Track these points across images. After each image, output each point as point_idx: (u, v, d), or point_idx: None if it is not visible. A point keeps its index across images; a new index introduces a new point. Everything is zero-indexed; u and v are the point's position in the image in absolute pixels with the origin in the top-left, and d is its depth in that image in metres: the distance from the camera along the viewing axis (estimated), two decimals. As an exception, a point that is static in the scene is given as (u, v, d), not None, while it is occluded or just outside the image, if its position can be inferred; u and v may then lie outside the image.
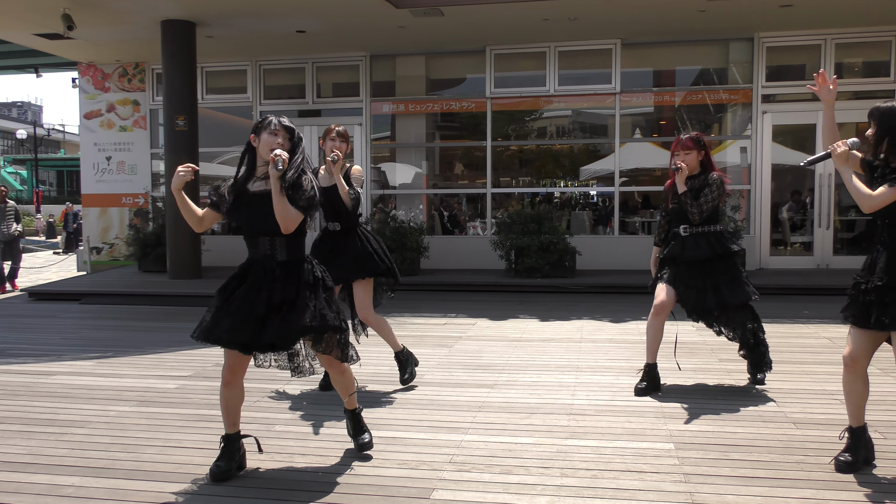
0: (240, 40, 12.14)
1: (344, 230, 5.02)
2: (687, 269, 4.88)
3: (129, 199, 14.12)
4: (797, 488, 3.32)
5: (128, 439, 4.15)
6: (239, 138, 13.75)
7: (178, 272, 11.26)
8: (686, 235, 4.90)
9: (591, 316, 8.34)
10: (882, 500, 3.18)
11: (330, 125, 5.01)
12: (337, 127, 4.96)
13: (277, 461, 3.77)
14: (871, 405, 4.58)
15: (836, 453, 3.67)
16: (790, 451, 3.82)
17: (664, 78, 12.75)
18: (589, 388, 5.17)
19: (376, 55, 13.04)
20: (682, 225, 4.92)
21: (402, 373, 5.23)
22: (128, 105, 14.05)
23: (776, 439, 4.00)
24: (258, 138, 3.51)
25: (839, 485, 3.35)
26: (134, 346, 6.99)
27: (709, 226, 4.88)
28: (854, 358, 3.51)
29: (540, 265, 10.75)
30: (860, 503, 3.16)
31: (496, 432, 4.20)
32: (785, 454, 3.77)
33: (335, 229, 5.04)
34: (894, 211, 3.33)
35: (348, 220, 5.02)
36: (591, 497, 3.27)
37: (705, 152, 4.90)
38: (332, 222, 5.05)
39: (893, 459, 3.67)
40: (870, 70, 11.84)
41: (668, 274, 4.95)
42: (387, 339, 5.19)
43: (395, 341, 5.20)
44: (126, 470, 3.67)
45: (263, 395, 5.09)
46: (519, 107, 12.98)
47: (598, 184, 13.33)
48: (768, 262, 11.93)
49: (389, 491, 3.36)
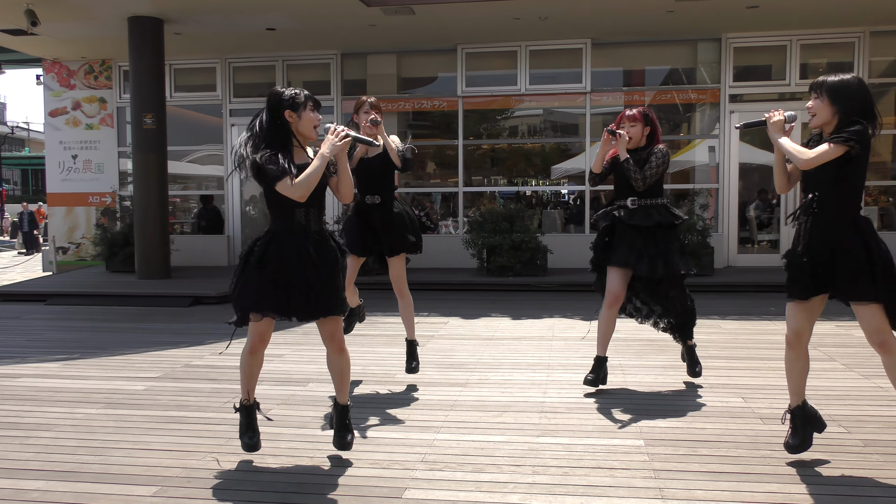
0: (209, 37, 12.02)
1: (383, 202, 5.01)
2: (639, 238, 4.79)
3: (96, 199, 13.91)
4: (764, 482, 3.37)
5: (95, 442, 4.09)
6: (208, 136, 13.64)
7: (147, 272, 11.12)
8: (634, 207, 4.83)
9: (563, 314, 8.39)
10: (847, 494, 3.24)
11: (361, 97, 5.04)
12: (368, 98, 4.99)
13: (248, 461, 3.74)
14: (834, 399, 4.68)
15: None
16: (757, 445, 3.87)
17: (634, 77, 12.86)
18: (560, 385, 5.20)
19: (347, 53, 12.99)
20: (630, 197, 4.85)
21: (410, 361, 5.23)
22: (94, 103, 13.83)
23: (743, 434, 4.05)
24: (296, 115, 3.51)
25: (806, 479, 3.41)
26: (101, 347, 6.88)
27: (655, 198, 4.86)
28: (797, 334, 3.52)
29: (512, 264, 10.79)
30: (826, 497, 3.21)
31: (468, 431, 4.21)
32: (752, 449, 3.82)
33: (374, 202, 5.02)
34: (822, 182, 3.35)
35: (386, 192, 5.02)
36: (563, 494, 3.29)
37: (652, 128, 4.88)
38: (371, 195, 5.02)
39: (857, 453, 3.74)
40: (834, 70, 11.99)
41: (617, 253, 4.84)
42: (406, 322, 5.20)
43: (413, 327, 5.21)
44: (93, 473, 3.61)
45: (234, 395, 5.04)
46: (490, 106, 13.02)
47: (570, 182, 13.41)
48: (736, 260, 12.10)
49: (361, 491, 3.35)
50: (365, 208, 5.05)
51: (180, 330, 7.79)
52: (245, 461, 3.75)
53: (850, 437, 3.97)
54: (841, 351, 6.17)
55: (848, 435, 4.02)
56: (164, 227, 11.31)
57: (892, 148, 12.49)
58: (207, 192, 14.01)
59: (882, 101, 12.09)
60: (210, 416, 4.56)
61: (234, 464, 3.72)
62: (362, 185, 5.01)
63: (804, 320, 3.51)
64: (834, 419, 4.29)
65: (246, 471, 3.63)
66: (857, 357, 5.92)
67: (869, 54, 11.61)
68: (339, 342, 3.66)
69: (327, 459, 3.77)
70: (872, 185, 12.14)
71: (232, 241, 13.48)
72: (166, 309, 9.23)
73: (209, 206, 13.94)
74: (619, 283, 4.86)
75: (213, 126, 13.53)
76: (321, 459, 3.78)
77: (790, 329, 3.55)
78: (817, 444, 3.85)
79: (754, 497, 3.21)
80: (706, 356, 5.93)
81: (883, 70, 11.99)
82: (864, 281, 3.27)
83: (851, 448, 3.81)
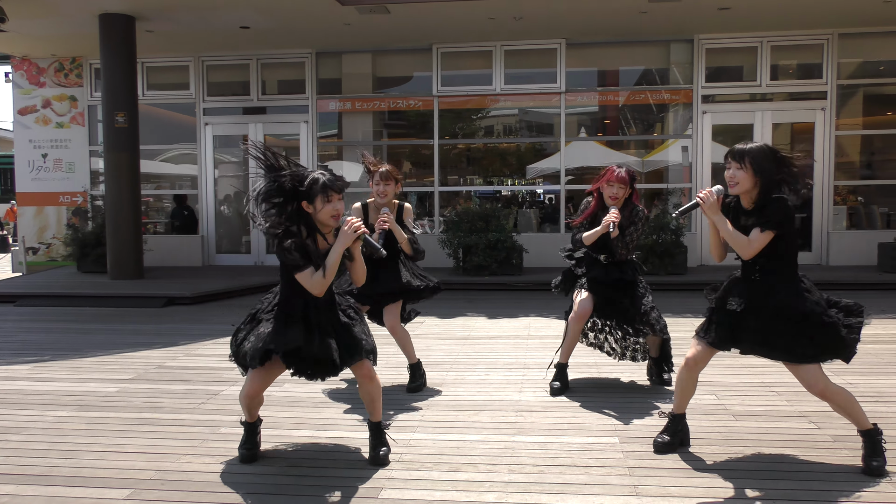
0: (181, 35, 11.91)
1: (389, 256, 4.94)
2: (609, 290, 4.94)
3: (66, 198, 13.72)
4: (737, 478, 3.42)
5: (66, 445, 4.04)
6: (182, 135, 13.51)
7: (119, 273, 10.99)
8: (608, 264, 4.96)
9: (539, 313, 8.43)
10: (818, 489, 3.30)
11: (376, 165, 4.89)
12: (381, 167, 4.86)
13: (222, 463, 3.72)
14: (804, 396, 4.75)
15: (777, 445, 3.81)
16: (730, 442, 3.92)
17: (608, 78, 12.95)
18: (536, 384, 5.22)
19: (322, 52, 12.93)
20: (602, 255, 4.96)
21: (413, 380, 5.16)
22: (65, 101, 13.64)
23: (716, 431, 4.11)
24: (313, 206, 3.42)
25: (777, 474, 3.46)
26: (72, 348, 6.79)
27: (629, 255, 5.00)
28: (697, 361, 3.70)
29: (488, 263, 10.82)
30: (797, 491, 3.26)
31: (444, 430, 4.21)
32: (725, 445, 3.87)
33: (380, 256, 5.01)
34: (762, 254, 3.48)
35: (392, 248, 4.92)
36: (539, 492, 3.31)
37: (632, 190, 4.91)
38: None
39: (826, 448, 3.80)
40: (804, 72, 12.24)
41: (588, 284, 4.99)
42: (405, 351, 5.13)
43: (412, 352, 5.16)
44: (64, 477, 3.57)
45: (209, 396, 5.00)
46: (466, 105, 13.04)
47: (545, 182, 13.47)
48: (708, 259, 12.23)
49: (337, 491, 3.34)
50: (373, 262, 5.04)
51: (153, 331, 7.71)
52: (220, 463, 3.72)
53: (821, 433, 4.04)
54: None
55: (818, 431, 4.08)
56: (137, 226, 11.18)
57: (861, 148, 12.71)
58: (181, 191, 13.87)
59: (850, 101, 12.30)
60: (184, 418, 4.52)
61: (208, 465, 3.69)
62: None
63: (704, 356, 3.70)
64: (804, 415, 4.36)
65: (221, 472, 3.61)
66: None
67: (837, 56, 11.81)
68: (368, 371, 3.66)
69: (303, 460, 3.76)
70: (841, 184, 12.35)
71: (206, 240, 13.36)
72: (139, 310, 9.13)
73: (183, 205, 13.81)
74: (589, 302, 4.96)
75: (187, 125, 13.40)
76: (297, 460, 3.77)
77: (692, 353, 3.70)
78: (789, 440, 3.92)
79: (727, 493, 3.26)
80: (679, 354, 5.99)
81: (851, 72, 12.20)
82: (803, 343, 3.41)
83: (821, 444, 3.88)
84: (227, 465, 3.70)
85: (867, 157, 12.82)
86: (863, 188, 12.61)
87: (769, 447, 3.81)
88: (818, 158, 11.89)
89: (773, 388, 4.95)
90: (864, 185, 12.59)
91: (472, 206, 12.15)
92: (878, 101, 12.64)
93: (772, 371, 5.28)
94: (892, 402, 4.61)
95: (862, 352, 6.19)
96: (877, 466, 3.42)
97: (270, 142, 13.36)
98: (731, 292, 3.60)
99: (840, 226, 12.22)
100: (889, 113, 12.71)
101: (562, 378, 5.03)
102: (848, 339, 3.41)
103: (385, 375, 5.56)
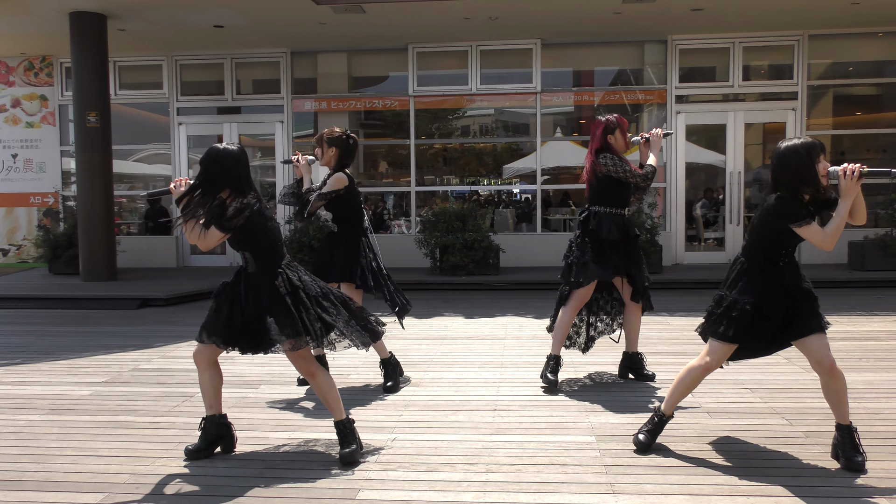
0: (154, 34, 11.78)
1: (342, 233, 5.16)
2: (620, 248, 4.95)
3: (37, 199, 13.52)
4: (711, 475, 3.46)
5: (38, 449, 3.98)
6: (155, 135, 13.37)
7: (92, 274, 10.84)
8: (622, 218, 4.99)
9: (516, 312, 8.46)
10: (790, 485, 3.34)
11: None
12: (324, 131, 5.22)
13: (198, 465, 3.69)
14: (777, 392, 4.82)
15: (751, 441, 3.86)
16: (704, 439, 3.97)
17: (583, 78, 13.03)
18: (513, 383, 5.24)
19: (297, 52, 12.87)
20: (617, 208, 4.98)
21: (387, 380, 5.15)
22: (35, 100, 13.44)
23: (691, 428, 4.15)
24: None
25: (751, 470, 3.51)
26: (44, 351, 6.69)
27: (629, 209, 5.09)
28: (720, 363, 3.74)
29: (464, 263, 10.83)
30: (770, 487, 3.31)
31: (422, 430, 4.21)
32: (699, 442, 3.91)
33: (334, 230, 5.23)
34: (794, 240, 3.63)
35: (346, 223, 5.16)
36: (516, 491, 3.32)
37: None
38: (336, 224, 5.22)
39: (799, 444, 3.86)
40: (775, 72, 12.40)
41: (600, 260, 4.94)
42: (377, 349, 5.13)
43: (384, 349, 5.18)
44: (36, 482, 3.52)
45: (184, 399, 4.96)
46: (442, 105, 13.04)
47: (521, 182, 13.52)
48: (683, 258, 12.36)
49: (314, 493, 3.33)
50: (331, 236, 5.25)
51: (127, 333, 7.62)
52: (195, 466, 3.69)
53: (793, 429, 4.10)
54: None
55: (791, 427, 4.14)
56: (110, 227, 11.04)
57: (831, 148, 12.90)
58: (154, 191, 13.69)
59: (820, 102, 12.49)
60: (159, 421, 4.48)
61: (183, 469, 3.66)
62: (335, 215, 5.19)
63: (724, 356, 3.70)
64: (777, 412, 4.42)
65: (196, 475, 3.58)
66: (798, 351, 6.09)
67: (808, 57, 11.98)
68: (305, 368, 3.73)
69: (280, 462, 3.74)
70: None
71: (180, 241, 13.23)
72: (112, 312, 9.02)
73: (157, 206, 13.66)
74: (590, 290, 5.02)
75: (160, 124, 13.26)
76: (274, 462, 3.75)
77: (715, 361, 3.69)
78: (762, 436, 3.97)
79: (702, 490, 3.29)
80: (655, 352, 6.06)
81: (821, 72, 12.38)
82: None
83: (794, 439, 3.93)
84: (203, 468, 3.67)
85: (837, 157, 13.02)
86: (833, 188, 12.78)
87: (743, 444, 3.86)
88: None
89: (747, 386, 5.02)
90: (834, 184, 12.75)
91: (448, 206, 12.17)
92: (848, 101, 12.85)
93: (745, 369, 5.35)
94: (863, 399, 4.69)
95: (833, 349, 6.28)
96: (860, 462, 3.46)
97: (245, 142, 13.27)
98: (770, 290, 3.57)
99: (811, 224, 12.37)
100: (858, 113, 12.93)
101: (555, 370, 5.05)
102: None
103: (363, 376, 5.55)
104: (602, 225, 4.93)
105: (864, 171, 3.44)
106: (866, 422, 4.18)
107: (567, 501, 3.21)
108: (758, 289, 3.54)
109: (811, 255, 12.04)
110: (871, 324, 7.38)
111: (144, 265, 12.83)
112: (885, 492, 3.22)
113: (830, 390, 3.51)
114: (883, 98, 12.79)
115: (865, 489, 3.26)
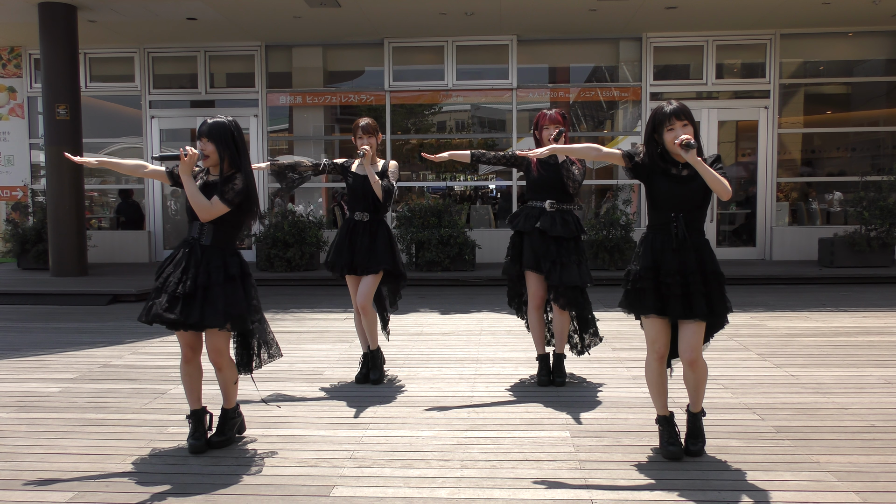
0: (126, 26, 11.61)
1: (372, 221, 5.15)
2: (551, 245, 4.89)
3: (5, 193, 13.28)
4: (685, 470, 3.49)
5: (5, 447, 3.91)
6: (127, 128, 13.19)
7: (62, 269, 10.68)
8: (553, 211, 4.94)
9: (491, 308, 8.47)
10: (762, 479, 3.38)
11: (356, 119, 5.20)
12: (361, 122, 5.14)
13: (171, 463, 3.64)
14: (749, 388, 4.87)
15: (723, 436, 3.90)
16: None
17: (559, 74, 13.07)
18: (488, 379, 5.25)
19: (272, 45, 12.76)
20: (549, 200, 4.96)
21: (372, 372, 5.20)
22: (3, 92, 13.19)
23: (664, 423, 4.17)
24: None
25: (723, 465, 3.54)
26: (12, 348, 6.57)
27: (572, 204, 5.03)
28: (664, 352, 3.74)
29: (440, 259, 10.83)
30: (741, 482, 3.35)
31: (396, 426, 4.20)
32: (672, 437, 3.94)
33: (363, 219, 5.15)
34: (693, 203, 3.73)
35: (377, 212, 5.17)
36: (491, 487, 3.32)
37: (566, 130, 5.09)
38: (360, 212, 5.17)
39: (770, 439, 3.90)
40: (748, 71, 12.54)
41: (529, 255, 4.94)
42: (370, 334, 5.20)
43: (376, 339, 5.23)
44: (3, 480, 3.45)
45: (156, 395, 4.90)
46: (418, 100, 13.02)
47: (497, 178, 13.53)
48: (657, 254, 12.43)
49: (288, 490, 3.31)
50: (355, 225, 5.18)
51: (97, 329, 7.51)
52: (167, 463, 3.65)
53: (764, 424, 4.15)
54: (755, 341, 6.43)
55: (762, 422, 4.19)
56: (80, 222, 10.88)
57: (802, 146, 13.09)
58: (126, 185, 13.55)
59: (792, 100, 12.65)
60: (130, 418, 4.42)
61: (155, 466, 3.62)
62: (355, 202, 5.19)
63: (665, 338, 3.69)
64: (749, 407, 4.47)
65: (168, 473, 3.53)
66: (770, 347, 6.18)
67: (780, 56, 12.13)
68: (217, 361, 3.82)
69: (254, 458, 3.71)
70: (784, 181, 12.69)
71: (153, 236, 13.08)
72: (82, 307, 8.88)
73: (129, 200, 13.49)
74: (541, 287, 5.01)
75: (132, 118, 13.08)
76: (247, 458, 3.71)
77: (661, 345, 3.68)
78: (733, 431, 4.01)
79: (675, 484, 3.32)
80: (629, 348, 6.11)
81: (792, 71, 12.54)
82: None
83: (765, 434, 3.98)
84: (175, 465, 3.63)
85: (808, 155, 13.20)
86: (803, 185, 12.98)
87: (715, 438, 3.89)
88: (762, 156, 12.21)
89: (719, 381, 5.07)
90: (805, 181, 12.95)
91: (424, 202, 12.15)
92: (818, 100, 13.03)
93: (719, 364, 5.40)
94: (832, 394, 4.76)
95: (803, 344, 6.38)
96: (698, 449, 3.65)
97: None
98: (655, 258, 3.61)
99: (783, 222, 12.56)
100: (828, 112, 13.11)
101: (546, 369, 5.07)
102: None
103: (337, 372, 5.53)
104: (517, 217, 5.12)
105: (685, 141, 3.59)
106: (835, 417, 4.24)
107: (542, 497, 3.22)
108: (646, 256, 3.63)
109: (783, 252, 12.22)
110: (840, 319, 7.50)
111: (115, 260, 12.67)
112: (854, 486, 3.27)
113: (695, 380, 3.63)
114: (852, 97, 12.99)
115: (835, 484, 3.30)
